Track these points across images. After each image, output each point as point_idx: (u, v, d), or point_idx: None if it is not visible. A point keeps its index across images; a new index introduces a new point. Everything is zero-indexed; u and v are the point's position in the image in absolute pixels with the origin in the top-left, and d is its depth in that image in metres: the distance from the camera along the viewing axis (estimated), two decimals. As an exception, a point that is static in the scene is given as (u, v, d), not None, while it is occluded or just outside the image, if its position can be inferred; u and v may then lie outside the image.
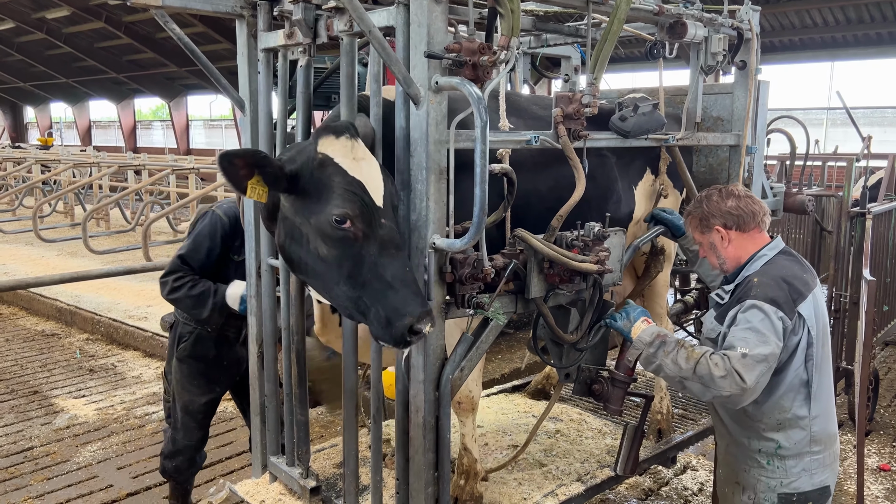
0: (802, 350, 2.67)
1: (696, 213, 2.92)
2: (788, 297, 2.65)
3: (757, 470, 2.78)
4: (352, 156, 2.41)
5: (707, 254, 2.96)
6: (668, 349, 2.69)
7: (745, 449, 2.82)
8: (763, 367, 2.55)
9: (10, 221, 14.75)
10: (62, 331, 8.42)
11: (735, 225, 2.83)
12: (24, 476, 4.87)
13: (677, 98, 3.84)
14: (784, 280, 2.70)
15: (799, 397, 2.70)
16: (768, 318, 2.59)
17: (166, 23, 2.67)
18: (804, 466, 2.74)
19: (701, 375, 2.57)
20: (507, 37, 2.48)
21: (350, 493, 3.09)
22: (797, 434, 2.71)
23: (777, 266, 2.77)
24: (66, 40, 31.21)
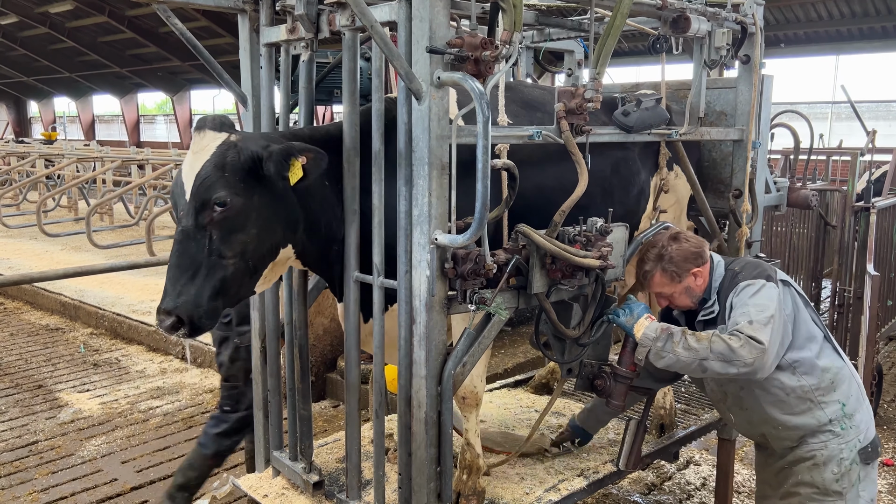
0: (802, 311, 2.87)
1: (664, 270, 3.00)
2: (769, 271, 2.88)
3: (834, 440, 2.85)
4: (191, 149, 2.50)
5: (676, 300, 3.04)
6: (676, 339, 2.77)
7: (813, 429, 2.87)
8: (770, 327, 2.66)
9: (14, 216, 14.78)
10: (66, 325, 8.45)
11: (702, 259, 2.98)
12: (29, 470, 4.90)
13: (681, 92, 3.83)
14: (757, 261, 2.99)
15: (826, 351, 2.87)
16: (761, 289, 2.77)
17: (168, 17, 2.67)
18: (862, 416, 2.89)
19: (719, 352, 2.65)
20: (509, 31, 2.47)
21: (352, 488, 3.10)
22: (846, 386, 2.86)
23: (739, 259, 3.05)
24: (70, 35, 31.21)
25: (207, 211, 2.41)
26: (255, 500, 3.44)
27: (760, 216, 3.88)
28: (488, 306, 2.58)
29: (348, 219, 2.81)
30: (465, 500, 3.27)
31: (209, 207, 2.41)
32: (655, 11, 3.12)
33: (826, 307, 7.51)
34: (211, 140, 2.47)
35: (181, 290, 2.42)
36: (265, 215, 2.53)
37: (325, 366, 6.15)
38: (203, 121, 2.51)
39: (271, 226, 2.58)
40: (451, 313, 2.67)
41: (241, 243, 2.48)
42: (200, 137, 2.48)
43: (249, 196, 2.46)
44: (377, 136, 2.67)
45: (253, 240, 2.51)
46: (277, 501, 3.32)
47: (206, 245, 2.43)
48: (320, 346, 6.06)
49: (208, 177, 2.41)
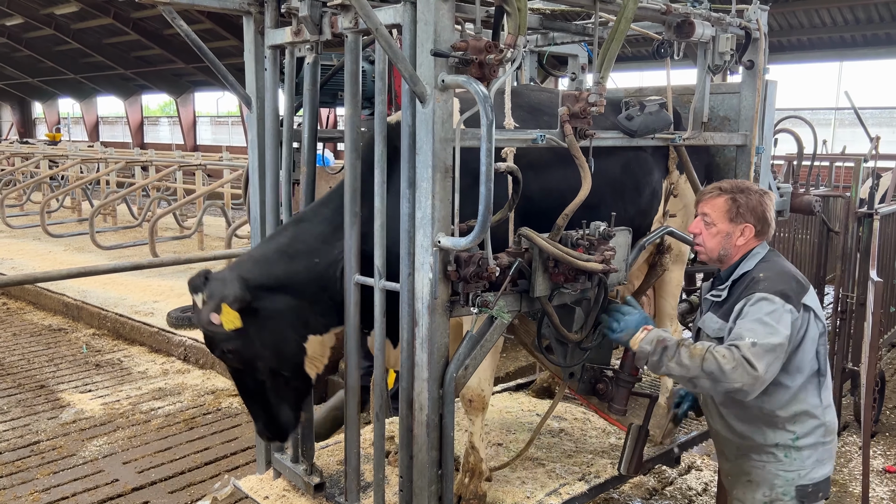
0: (813, 340, 2.70)
1: (734, 200, 2.80)
2: (795, 290, 2.68)
3: (774, 465, 2.77)
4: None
5: (706, 236, 2.85)
6: (670, 353, 2.67)
7: (758, 446, 2.80)
8: (772, 356, 2.56)
9: (18, 216, 14.81)
10: (69, 326, 8.46)
11: (760, 231, 2.83)
12: (31, 470, 4.90)
13: (684, 97, 3.83)
14: (789, 273, 2.75)
15: (811, 387, 2.73)
16: (778, 310, 2.61)
17: (174, 19, 2.68)
18: (818, 457, 2.76)
19: (710, 371, 2.56)
20: (513, 35, 2.47)
21: (352, 491, 3.09)
22: (812, 423, 2.74)
23: (776, 262, 2.81)
24: (75, 36, 31.31)
25: (228, 359, 2.79)
26: (256, 501, 3.44)
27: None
28: (490, 309, 2.58)
29: (348, 221, 2.82)
30: (465, 503, 3.27)
31: (226, 358, 2.79)
32: (660, 16, 3.13)
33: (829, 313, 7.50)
34: (197, 301, 2.77)
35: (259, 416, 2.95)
36: (267, 334, 2.78)
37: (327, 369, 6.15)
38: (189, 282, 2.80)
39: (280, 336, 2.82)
40: (454, 316, 2.67)
41: (265, 367, 2.81)
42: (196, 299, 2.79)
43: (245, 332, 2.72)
44: (380, 139, 2.67)
45: (273, 357, 2.82)
46: (278, 503, 3.32)
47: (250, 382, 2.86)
48: (322, 348, 6.06)
49: (208, 335, 2.77)
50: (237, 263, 2.84)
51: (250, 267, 2.81)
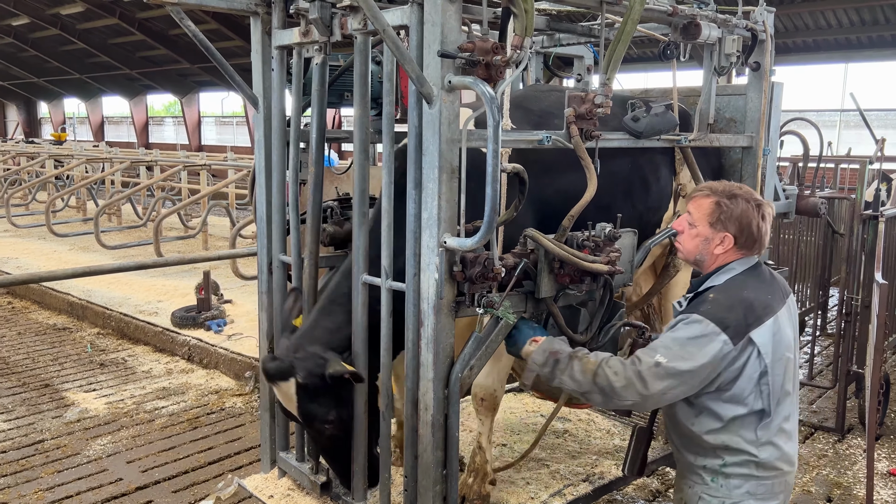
0: (751, 377, 2.48)
1: (720, 204, 2.58)
2: (741, 322, 2.46)
3: (700, 487, 2.61)
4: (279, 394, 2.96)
5: (686, 236, 2.65)
6: (562, 366, 2.56)
7: (690, 464, 2.65)
8: (674, 381, 2.41)
9: (24, 216, 14.83)
10: (74, 325, 8.47)
11: (743, 244, 2.59)
12: (35, 468, 4.90)
13: (690, 99, 3.83)
14: (742, 302, 2.50)
15: (748, 422, 2.52)
16: (706, 336, 2.42)
17: (182, 19, 2.69)
18: (749, 489, 2.55)
19: (601, 387, 2.47)
20: (520, 37, 2.48)
21: (358, 490, 3.10)
22: (742, 457, 2.54)
23: (740, 285, 2.56)
24: (80, 36, 31.39)
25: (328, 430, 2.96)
26: (261, 500, 3.45)
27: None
28: (496, 310, 2.58)
29: (356, 221, 2.82)
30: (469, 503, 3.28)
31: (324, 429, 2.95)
32: (666, 18, 3.13)
33: (833, 316, 7.49)
34: (287, 388, 2.85)
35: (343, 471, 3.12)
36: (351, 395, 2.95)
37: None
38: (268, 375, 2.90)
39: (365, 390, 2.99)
40: (459, 316, 2.67)
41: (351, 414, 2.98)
42: (278, 388, 2.90)
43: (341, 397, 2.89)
44: (387, 140, 2.68)
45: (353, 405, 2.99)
46: (283, 502, 3.33)
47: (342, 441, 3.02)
48: (326, 348, 6.07)
49: (310, 415, 2.90)
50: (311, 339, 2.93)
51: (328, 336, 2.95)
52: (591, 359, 2.53)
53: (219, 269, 9.01)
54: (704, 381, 2.45)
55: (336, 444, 3.01)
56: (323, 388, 2.80)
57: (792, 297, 2.69)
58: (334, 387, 2.81)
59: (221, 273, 8.92)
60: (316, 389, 2.81)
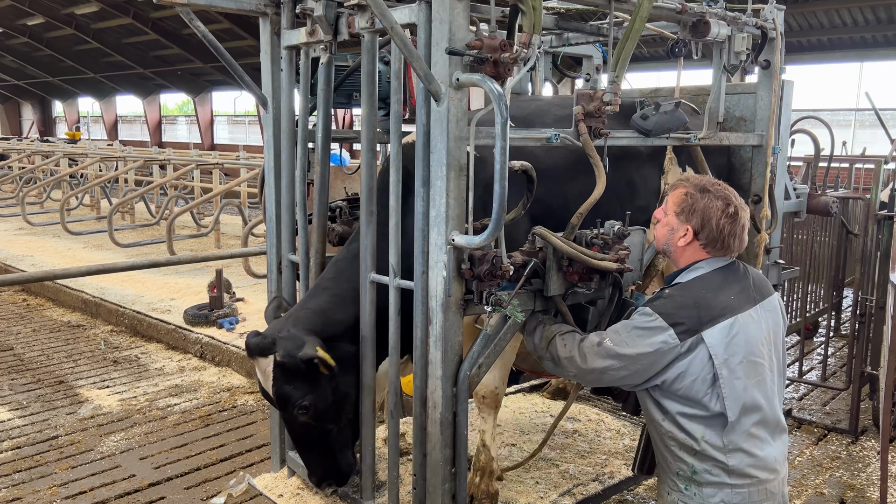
0: (703, 379, 2.44)
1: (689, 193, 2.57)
2: (692, 319, 2.44)
3: (676, 494, 2.58)
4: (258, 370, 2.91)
5: (659, 227, 2.67)
6: (529, 329, 2.78)
7: (666, 470, 2.63)
8: (614, 362, 2.47)
9: (38, 214, 14.97)
10: (87, 322, 8.54)
11: (706, 241, 2.56)
12: (49, 464, 4.95)
13: (700, 98, 3.82)
14: (698, 302, 2.48)
15: (712, 426, 2.47)
16: (652, 329, 2.44)
17: (191, 20, 2.70)
18: (723, 498, 2.49)
19: (552, 355, 2.65)
20: (528, 34, 2.48)
21: (366, 489, 3.11)
22: (711, 463, 2.49)
23: (700, 284, 2.55)
24: (95, 36, 31.64)
25: (301, 416, 2.83)
26: (270, 499, 3.46)
27: (780, 222, 3.85)
28: (504, 308, 2.58)
29: (364, 220, 2.83)
30: (477, 503, 3.27)
31: (298, 415, 2.83)
32: (675, 15, 3.12)
33: (847, 316, 7.43)
34: (265, 365, 2.82)
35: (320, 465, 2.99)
36: (338, 383, 2.89)
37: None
38: (249, 348, 2.90)
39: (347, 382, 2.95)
40: (468, 314, 2.68)
41: (334, 415, 2.92)
42: (258, 363, 2.87)
43: (318, 384, 2.82)
44: (395, 138, 2.69)
45: (341, 404, 2.94)
46: (293, 501, 3.35)
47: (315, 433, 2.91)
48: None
49: (285, 397, 2.82)
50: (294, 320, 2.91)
51: (313, 318, 2.92)
52: (553, 329, 2.71)
53: (231, 268, 9.05)
54: (646, 371, 2.47)
55: (308, 432, 2.92)
56: (300, 370, 2.77)
57: (773, 299, 2.63)
58: (309, 371, 2.77)
59: (233, 271, 8.96)
60: (293, 371, 2.77)
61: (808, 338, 7.58)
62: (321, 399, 2.85)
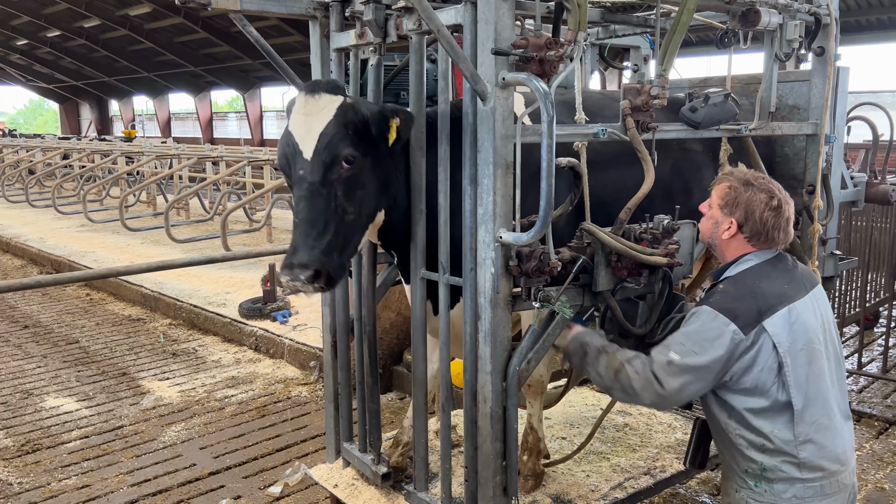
0: (770, 369, 2.43)
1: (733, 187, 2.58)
2: (751, 311, 2.43)
3: (746, 491, 2.56)
4: (302, 111, 2.58)
5: (703, 221, 2.69)
6: (590, 359, 2.61)
7: (733, 467, 2.61)
8: (690, 377, 2.41)
9: (99, 211, 15.51)
10: (147, 316, 8.84)
11: (751, 234, 2.56)
12: (115, 453, 5.17)
13: (751, 86, 3.75)
14: (753, 292, 2.48)
15: (780, 419, 2.46)
16: (716, 328, 2.41)
17: (244, 26, 2.78)
18: (796, 493, 2.48)
19: (623, 385, 2.50)
20: (573, 31, 2.48)
21: (420, 480, 3.17)
22: (781, 458, 2.47)
23: (753, 275, 2.54)
24: (148, 36, 32.48)
25: (336, 168, 2.54)
26: (326, 489, 3.56)
27: (836, 213, 3.76)
28: (552, 304, 2.60)
29: (415, 217, 2.88)
30: (523, 479, 3.36)
31: (338, 164, 2.54)
32: (724, 6, 3.07)
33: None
34: (328, 102, 2.58)
35: (313, 244, 2.51)
36: (376, 174, 2.69)
37: (392, 359, 6.27)
38: (315, 84, 2.62)
39: (380, 184, 2.73)
40: (516, 310, 2.71)
41: (360, 199, 2.64)
42: (315, 99, 2.57)
43: (367, 154, 2.62)
44: (443, 137, 2.72)
45: (369, 196, 2.69)
46: (347, 492, 3.43)
47: (333, 200, 2.56)
48: (387, 339, 6.18)
49: (335, 135, 2.53)
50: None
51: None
52: (618, 356, 2.54)
53: (283, 262, 9.23)
54: (720, 373, 2.44)
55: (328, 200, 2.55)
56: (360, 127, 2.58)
57: (820, 287, 2.65)
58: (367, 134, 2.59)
59: (285, 265, 9.15)
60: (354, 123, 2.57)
61: (868, 328, 7.37)
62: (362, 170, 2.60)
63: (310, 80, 2.70)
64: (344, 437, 3.60)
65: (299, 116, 2.60)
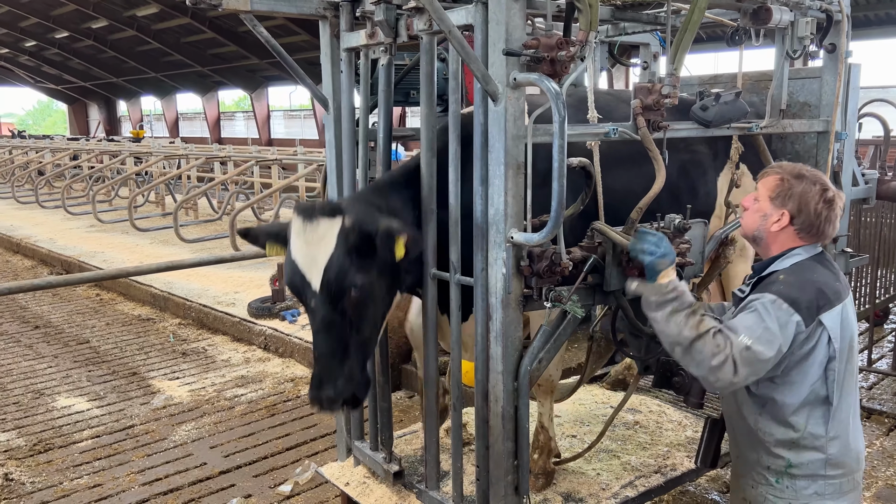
0: (820, 363, 2.42)
1: (785, 178, 2.54)
2: (812, 303, 2.40)
3: (765, 487, 2.55)
4: (303, 237, 2.58)
5: (749, 212, 2.62)
6: (676, 306, 2.47)
7: (753, 464, 2.59)
8: (758, 367, 2.36)
9: (108, 211, 15.58)
10: (156, 315, 8.88)
11: (802, 226, 2.52)
12: (126, 452, 5.20)
13: (762, 83, 3.74)
14: (813, 284, 2.45)
15: (815, 414, 2.46)
16: (783, 317, 2.36)
17: (255, 26, 2.79)
18: (817, 490, 2.48)
19: (698, 351, 2.38)
20: (585, 31, 2.48)
21: (431, 479, 3.18)
22: (810, 454, 2.47)
23: (809, 269, 2.52)
24: (155, 36, 32.57)
25: (346, 296, 2.56)
26: (338, 487, 3.57)
27: (847, 210, 3.75)
28: (564, 304, 2.60)
29: (425, 218, 2.88)
30: (533, 477, 3.37)
31: (346, 294, 2.56)
32: (735, 3, 3.06)
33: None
34: (327, 228, 2.56)
35: (336, 375, 2.60)
36: (385, 281, 2.73)
37: (401, 357, 6.28)
38: (311, 210, 2.58)
39: (390, 287, 2.79)
40: (527, 310, 2.71)
41: (373, 313, 2.71)
42: (314, 226, 2.56)
43: (372, 271, 2.63)
44: (454, 138, 2.72)
45: (381, 305, 2.76)
46: (359, 490, 3.44)
47: (348, 326, 2.61)
48: (396, 338, 6.18)
49: (341, 266, 2.54)
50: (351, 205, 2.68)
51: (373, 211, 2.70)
52: (707, 322, 2.42)
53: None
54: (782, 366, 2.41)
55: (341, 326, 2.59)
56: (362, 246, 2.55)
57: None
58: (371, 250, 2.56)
59: (294, 265, 9.16)
60: (357, 244, 2.54)
61: (878, 325, 7.34)
62: (371, 287, 2.60)
63: (303, 203, 2.66)
64: (355, 435, 3.61)
65: (300, 243, 2.58)
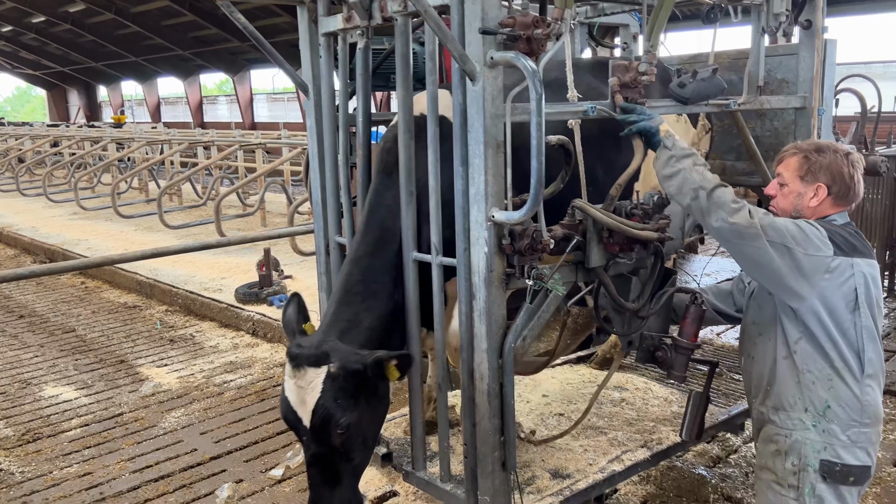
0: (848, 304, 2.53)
1: (809, 155, 2.65)
2: (848, 245, 2.54)
3: (800, 432, 2.63)
4: (293, 380, 2.68)
5: (780, 197, 2.72)
6: (698, 160, 2.69)
7: (788, 412, 2.67)
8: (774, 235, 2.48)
9: (91, 198, 15.44)
10: (143, 303, 8.84)
11: (837, 194, 2.64)
12: (116, 440, 5.21)
13: (740, 61, 3.75)
14: (847, 235, 2.58)
15: (849, 356, 2.56)
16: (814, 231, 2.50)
17: (232, 13, 2.77)
18: (851, 436, 2.58)
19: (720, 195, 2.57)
20: (560, 9, 2.48)
21: (418, 459, 3.21)
22: (846, 395, 2.57)
23: (848, 230, 2.63)
24: (135, 19, 32.11)
25: (333, 436, 2.64)
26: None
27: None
28: (545, 282, 2.63)
29: (404, 200, 2.89)
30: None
31: (333, 433, 2.64)
32: (711, -21, 3.07)
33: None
34: (314, 376, 2.64)
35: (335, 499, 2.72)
36: (374, 402, 2.79)
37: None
38: (298, 357, 2.67)
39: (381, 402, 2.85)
40: (510, 289, 2.73)
41: (363, 436, 2.76)
42: (302, 374, 2.65)
43: (360, 402, 2.69)
44: (432, 119, 2.73)
45: (371, 426, 2.83)
46: (347, 471, 3.46)
47: (339, 456, 2.71)
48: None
49: (328, 409, 2.62)
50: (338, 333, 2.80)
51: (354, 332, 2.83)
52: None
53: (278, 246, 9.23)
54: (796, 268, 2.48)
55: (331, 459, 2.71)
56: (348, 385, 2.64)
57: None
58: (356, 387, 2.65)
59: (281, 249, 9.15)
60: (343, 385, 2.63)
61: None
62: (359, 420, 2.69)
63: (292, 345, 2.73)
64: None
65: (292, 384, 2.68)
